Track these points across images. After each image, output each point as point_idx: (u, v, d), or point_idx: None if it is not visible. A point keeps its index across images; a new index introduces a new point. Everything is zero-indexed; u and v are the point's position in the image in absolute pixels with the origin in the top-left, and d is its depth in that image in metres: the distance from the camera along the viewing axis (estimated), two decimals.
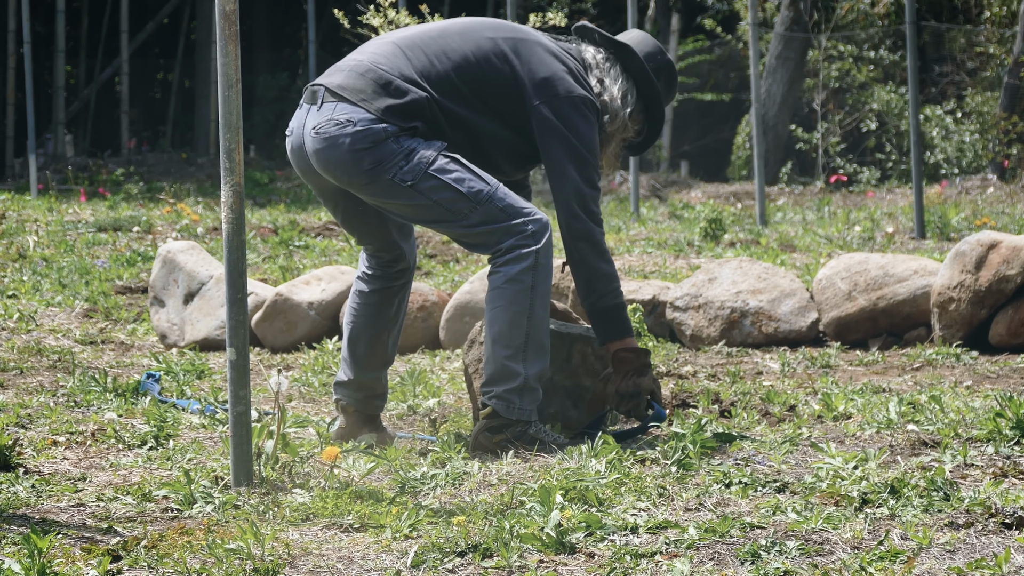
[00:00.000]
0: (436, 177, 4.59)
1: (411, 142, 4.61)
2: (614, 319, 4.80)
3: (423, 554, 3.43)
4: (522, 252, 4.59)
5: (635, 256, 9.84)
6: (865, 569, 3.24)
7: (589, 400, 5.02)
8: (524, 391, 4.60)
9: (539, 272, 4.60)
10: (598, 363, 5.01)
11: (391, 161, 4.58)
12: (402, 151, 4.59)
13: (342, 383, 5.00)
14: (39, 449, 4.73)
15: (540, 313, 4.60)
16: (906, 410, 5.02)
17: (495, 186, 4.64)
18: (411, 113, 4.64)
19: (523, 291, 4.58)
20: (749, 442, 4.61)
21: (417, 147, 4.61)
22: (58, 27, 21.81)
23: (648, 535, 3.58)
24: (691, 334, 7.22)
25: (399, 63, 4.71)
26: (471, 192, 4.60)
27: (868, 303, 7.04)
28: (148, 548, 3.48)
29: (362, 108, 4.61)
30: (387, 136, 4.58)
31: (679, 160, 22.74)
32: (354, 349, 4.99)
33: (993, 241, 6.77)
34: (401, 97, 4.64)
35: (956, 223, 11.77)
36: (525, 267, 4.59)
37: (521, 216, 4.62)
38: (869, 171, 18.87)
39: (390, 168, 4.59)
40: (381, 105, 4.62)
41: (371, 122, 4.60)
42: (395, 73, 4.67)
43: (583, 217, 4.73)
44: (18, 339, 7.14)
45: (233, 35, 4.09)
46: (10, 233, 11.41)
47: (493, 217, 4.62)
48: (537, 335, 4.60)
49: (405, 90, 4.64)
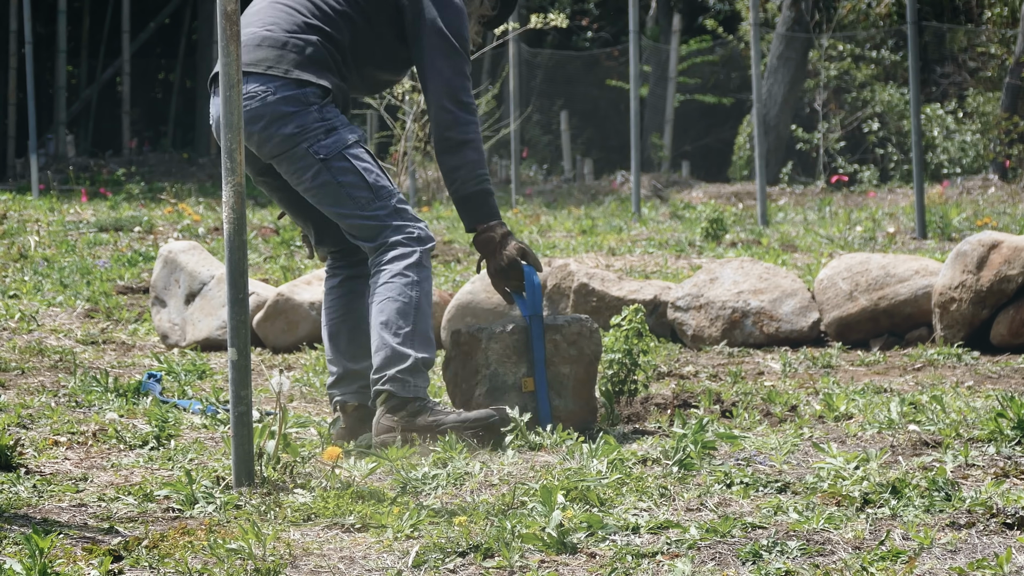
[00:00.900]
0: (348, 160, 4.74)
1: (333, 117, 4.77)
2: (477, 204, 4.88)
3: (424, 554, 3.43)
4: (407, 250, 4.74)
5: (636, 256, 9.85)
6: (866, 569, 3.24)
7: (572, 386, 5.01)
8: (416, 371, 4.67)
9: (423, 271, 4.74)
10: (571, 348, 5.02)
11: (312, 130, 4.73)
12: (324, 125, 4.75)
13: (334, 381, 5.01)
14: (40, 449, 4.73)
15: (425, 308, 4.72)
16: (907, 410, 5.02)
17: (396, 190, 4.81)
18: (318, 62, 4.78)
19: (410, 284, 4.71)
20: (750, 442, 4.61)
21: (339, 126, 4.77)
22: (60, 27, 21.82)
23: (649, 535, 3.58)
24: (692, 334, 7.22)
25: (284, 17, 4.84)
26: (375, 184, 4.76)
27: (869, 303, 7.03)
28: (149, 548, 3.48)
29: (272, 76, 4.75)
30: (309, 102, 4.75)
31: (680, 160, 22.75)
32: (336, 344, 5.03)
33: (994, 241, 6.77)
34: (303, 52, 4.78)
35: (957, 223, 11.77)
36: (411, 263, 4.73)
37: (410, 221, 4.78)
38: (870, 171, 18.87)
39: (310, 137, 4.73)
40: (290, 67, 4.76)
41: (288, 86, 4.74)
42: (287, 29, 4.80)
43: (450, 108, 4.82)
44: (19, 339, 7.14)
45: (235, 35, 4.09)
46: (11, 233, 11.41)
47: (386, 214, 4.75)
48: (423, 327, 4.71)
49: (303, 44, 4.79)
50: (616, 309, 6.81)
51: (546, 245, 10.68)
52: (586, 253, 9.98)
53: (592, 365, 5.05)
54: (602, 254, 9.91)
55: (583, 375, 5.01)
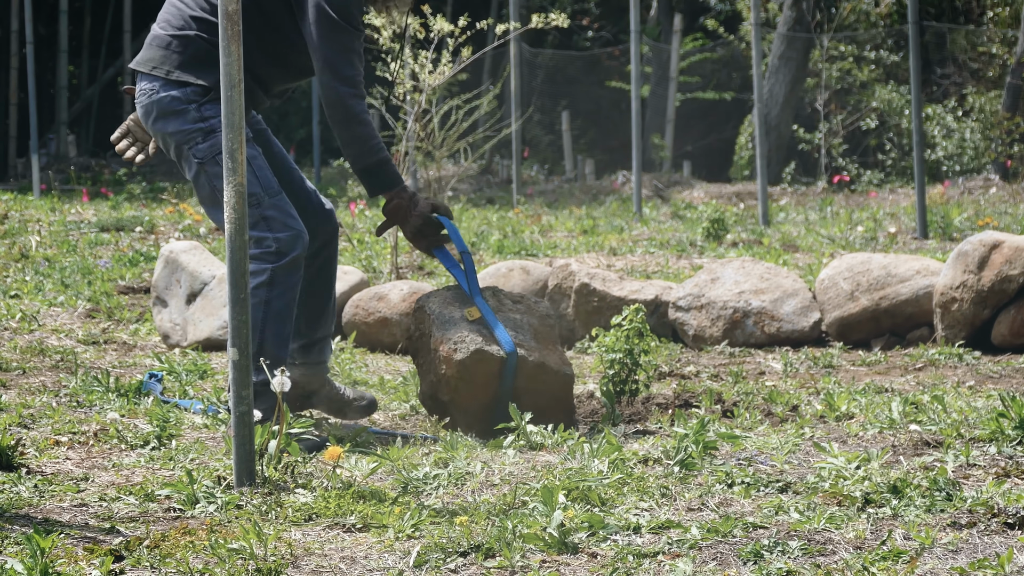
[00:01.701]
0: (218, 165, 4.82)
1: (213, 115, 4.86)
2: (377, 174, 4.98)
3: (426, 554, 3.44)
4: (259, 267, 4.80)
5: (638, 256, 9.84)
6: (868, 569, 3.24)
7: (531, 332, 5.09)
8: (258, 396, 4.64)
9: (274, 289, 4.80)
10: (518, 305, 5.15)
11: (192, 131, 4.88)
12: (204, 127, 4.87)
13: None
14: (41, 449, 4.73)
15: (273, 327, 4.79)
16: (908, 410, 5.02)
17: (271, 194, 4.85)
18: (200, 59, 4.89)
19: (257, 305, 4.77)
20: (752, 442, 4.61)
21: (218, 128, 4.84)
22: (61, 27, 21.83)
23: (651, 535, 3.58)
24: (694, 334, 7.22)
25: (174, 13, 4.96)
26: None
27: (871, 303, 7.03)
28: (151, 548, 3.48)
29: (157, 76, 4.92)
30: (188, 101, 4.88)
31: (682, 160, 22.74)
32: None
33: (996, 241, 6.77)
34: (185, 51, 4.91)
35: (959, 223, 11.77)
36: (260, 282, 4.79)
37: (274, 231, 4.82)
38: (871, 171, 18.87)
39: (190, 139, 4.89)
40: (171, 68, 4.92)
41: (168, 86, 4.91)
42: (174, 26, 4.93)
43: (333, 85, 4.87)
44: (21, 339, 7.15)
45: (235, 35, 4.09)
46: (13, 233, 11.41)
47: (252, 222, 4.79)
48: (270, 348, 4.78)
49: (185, 41, 4.91)
50: (617, 309, 6.81)
51: (547, 245, 10.68)
52: (587, 253, 9.98)
53: (547, 319, 5.13)
54: (603, 254, 9.91)
55: (538, 325, 5.09)
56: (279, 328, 4.81)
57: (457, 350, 4.91)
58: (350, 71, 4.88)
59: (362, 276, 7.63)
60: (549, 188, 19.79)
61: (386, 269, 8.81)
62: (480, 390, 4.94)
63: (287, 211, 4.87)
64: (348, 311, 7.27)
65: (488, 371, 4.92)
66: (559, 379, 5.04)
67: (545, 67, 24.68)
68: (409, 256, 9.61)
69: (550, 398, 5.03)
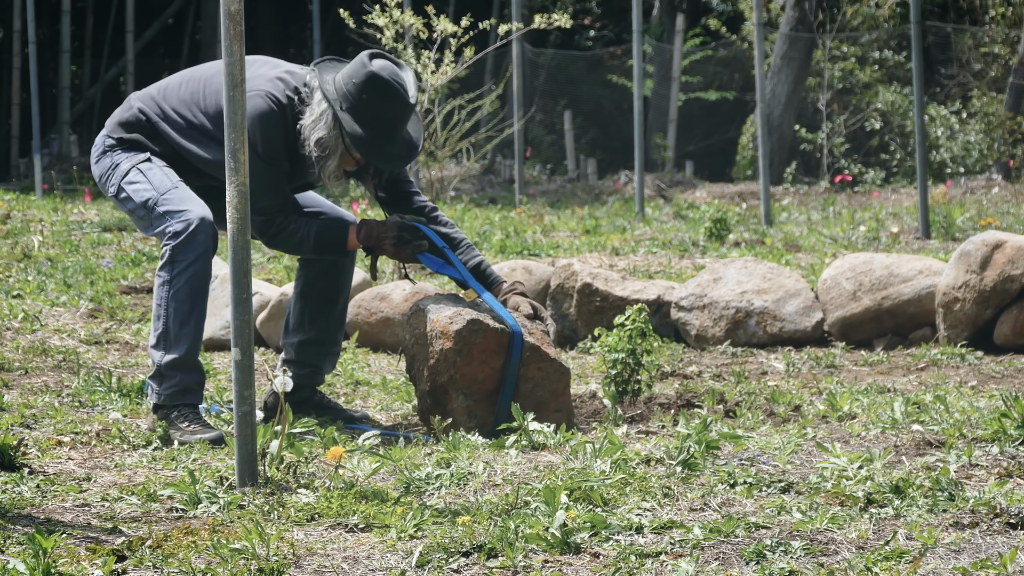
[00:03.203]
0: (124, 189, 5.16)
1: (120, 156, 5.21)
2: (331, 240, 5.23)
3: (428, 554, 3.44)
4: (165, 251, 5.02)
5: (640, 256, 9.84)
6: (870, 569, 3.24)
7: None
8: (161, 378, 4.96)
9: (175, 267, 4.98)
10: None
11: (106, 173, 5.23)
12: (112, 164, 5.22)
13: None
14: (44, 449, 4.73)
15: (176, 306, 4.96)
16: (911, 410, 5.02)
17: (163, 190, 5.09)
18: (129, 125, 5.24)
19: (161, 285, 4.99)
20: (754, 442, 4.61)
21: (120, 161, 5.22)
22: (63, 27, 21.83)
23: (653, 535, 3.58)
24: (696, 334, 7.22)
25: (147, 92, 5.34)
26: (142, 200, 5.11)
27: (873, 303, 7.03)
28: (153, 548, 3.48)
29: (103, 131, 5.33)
30: (105, 149, 5.25)
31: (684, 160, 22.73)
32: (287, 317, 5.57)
33: (998, 241, 6.77)
34: (124, 113, 5.27)
35: (961, 223, 11.76)
36: (163, 263, 5.01)
37: (171, 218, 5.03)
38: (874, 171, 18.86)
39: (106, 180, 5.24)
40: (110, 124, 5.31)
41: (101, 136, 5.30)
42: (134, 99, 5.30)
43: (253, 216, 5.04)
44: (23, 339, 7.15)
45: (238, 35, 4.09)
46: (15, 233, 11.41)
47: (157, 221, 5.07)
48: (174, 326, 4.96)
49: (128, 107, 5.27)
50: (620, 309, 6.81)
51: (550, 245, 10.67)
52: (590, 253, 9.98)
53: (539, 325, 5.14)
54: (606, 254, 9.90)
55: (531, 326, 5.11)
56: (179, 306, 4.97)
57: (453, 322, 4.96)
58: (261, 203, 5.08)
59: (365, 276, 7.63)
60: (551, 188, 19.78)
61: (388, 269, 8.81)
62: (479, 366, 4.94)
63: (183, 198, 5.07)
64: (350, 311, 7.27)
65: (486, 345, 4.94)
66: (555, 368, 5.03)
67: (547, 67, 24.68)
68: None
69: (548, 392, 5.03)
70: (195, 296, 4.97)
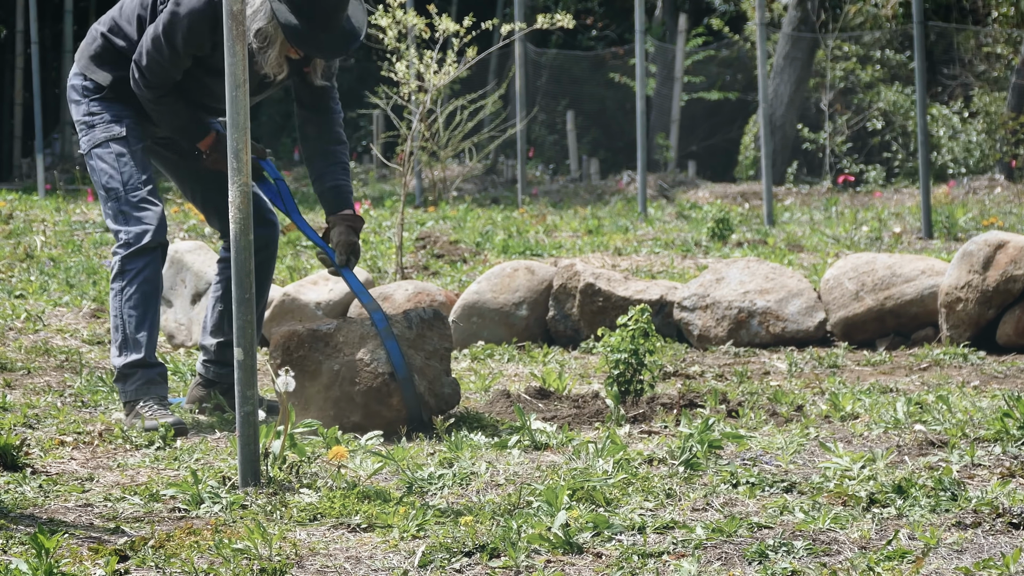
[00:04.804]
0: (92, 159, 5.23)
1: (99, 111, 5.25)
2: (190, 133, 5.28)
3: (430, 554, 3.44)
4: (114, 261, 5.18)
5: (643, 256, 9.84)
6: (873, 569, 3.24)
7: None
8: (126, 378, 5.15)
9: (126, 277, 5.13)
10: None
11: (81, 123, 5.28)
12: (87, 119, 5.25)
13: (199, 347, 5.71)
14: (46, 449, 4.73)
15: (130, 312, 5.13)
16: (913, 410, 5.02)
17: (130, 189, 5.16)
18: (100, 57, 5.26)
19: (115, 296, 5.16)
20: (756, 442, 4.61)
21: (97, 122, 5.25)
22: (66, 27, 21.81)
23: (655, 535, 3.58)
24: (698, 334, 7.22)
25: (108, 13, 5.34)
26: (106, 187, 5.18)
27: (875, 303, 7.03)
28: (155, 548, 3.49)
29: (75, 67, 5.33)
30: (83, 94, 5.27)
31: (686, 160, 22.72)
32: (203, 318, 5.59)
33: (1000, 241, 6.77)
34: (91, 46, 5.29)
35: (963, 223, 11.76)
36: (115, 273, 5.18)
37: (125, 225, 5.15)
38: (876, 171, 18.85)
39: (79, 129, 5.29)
40: (82, 58, 5.32)
41: (76, 76, 5.31)
42: (101, 22, 5.29)
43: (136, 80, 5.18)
44: (25, 339, 7.15)
45: (240, 35, 4.09)
46: (17, 233, 11.42)
47: (112, 216, 5.20)
48: (131, 331, 5.14)
49: (94, 38, 5.29)
50: (622, 309, 6.81)
51: (552, 245, 10.67)
52: (592, 253, 9.98)
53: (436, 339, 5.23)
54: (608, 254, 9.90)
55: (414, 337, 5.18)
56: (133, 312, 5.12)
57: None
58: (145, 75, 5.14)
59: (367, 276, 7.63)
60: (554, 188, 19.78)
61: (391, 269, 8.81)
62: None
63: (142, 205, 5.16)
64: (353, 311, 7.27)
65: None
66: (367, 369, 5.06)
67: (550, 67, 24.68)
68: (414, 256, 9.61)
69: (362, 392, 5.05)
70: (147, 301, 5.14)
